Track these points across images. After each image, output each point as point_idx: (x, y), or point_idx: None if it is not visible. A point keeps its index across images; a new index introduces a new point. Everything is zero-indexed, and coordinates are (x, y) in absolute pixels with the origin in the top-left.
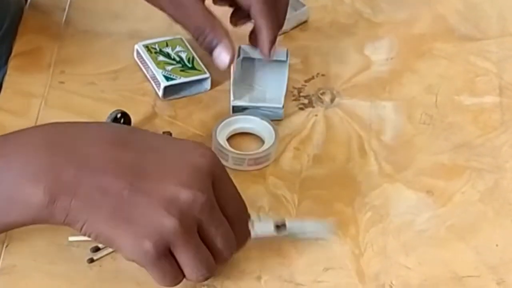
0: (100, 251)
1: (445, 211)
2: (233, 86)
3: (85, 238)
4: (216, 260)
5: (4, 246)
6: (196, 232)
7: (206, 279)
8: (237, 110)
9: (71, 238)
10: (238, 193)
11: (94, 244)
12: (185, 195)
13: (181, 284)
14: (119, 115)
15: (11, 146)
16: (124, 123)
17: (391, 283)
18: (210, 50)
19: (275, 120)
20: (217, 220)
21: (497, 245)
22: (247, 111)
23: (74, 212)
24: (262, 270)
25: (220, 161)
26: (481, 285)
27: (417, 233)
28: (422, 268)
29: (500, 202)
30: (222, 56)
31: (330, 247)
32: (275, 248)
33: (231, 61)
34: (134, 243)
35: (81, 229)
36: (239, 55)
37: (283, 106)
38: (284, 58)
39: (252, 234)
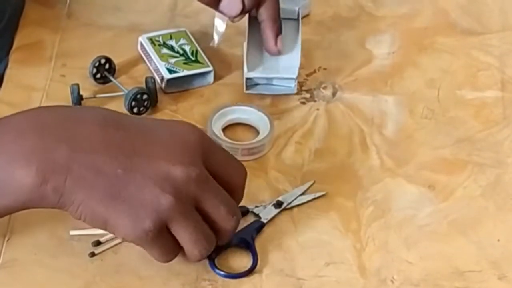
0: (102, 245)
1: (447, 206)
2: (247, 56)
3: (86, 231)
4: (223, 231)
5: (5, 240)
6: (194, 208)
7: (206, 255)
8: (250, 85)
9: (72, 232)
10: (233, 158)
11: (95, 238)
12: (178, 171)
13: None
14: (103, 61)
15: (1, 130)
16: (108, 68)
17: (393, 277)
18: (216, 2)
19: (288, 94)
20: (214, 191)
21: (498, 240)
22: (257, 87)
23: (68, 193)
24: (263, 265)
25: (208, 136)
26: (482, 279)
27: (419, 228)
28: (424, 263)
29: (502, 196)
30: (230, 5)
31: (331, 241)
32: (277, 242)
33: (240, 11)
34: (133, 223)
35: (76, 210)
36: (249, 16)
37: (296, 78)
38: (295, 17)
39: None
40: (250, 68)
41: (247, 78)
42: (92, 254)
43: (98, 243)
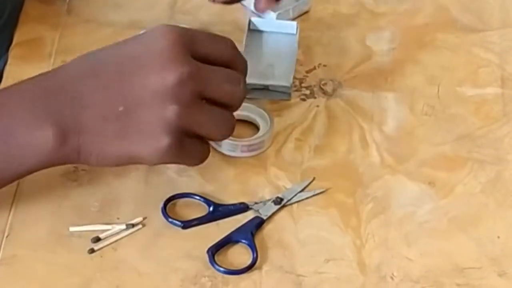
0: (101, 241)
1: (447, 203)
2: None
3: (86, 228)
4: (235, 103)
5: (5, 236)
6: (200, 100)
7: (231, 131)
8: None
9: (71, 229)
10: (216, 36)
11: (95, 235)
12: (170, 80)
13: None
14: None
15: (15, 99)
16: None
17: (393, 274)
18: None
19: (283, 100)
20: (210, 75)
21: (498, 237)
22: (254, 92)
23: (85, 147)
24: (263, 261)
25: (184, 28)
26: (482, 276)
27: (419, 225)
28: (424, 260)
29: (502, 193)
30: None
31: (331, 238)
32: (276, 238)
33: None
34: (153, 147)
35: (97, 159)
36: (248, 28)
37: (291, 86)
38: (293, 32)
39: None
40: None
41: None
42: (92, 251)
43: (97, 240)
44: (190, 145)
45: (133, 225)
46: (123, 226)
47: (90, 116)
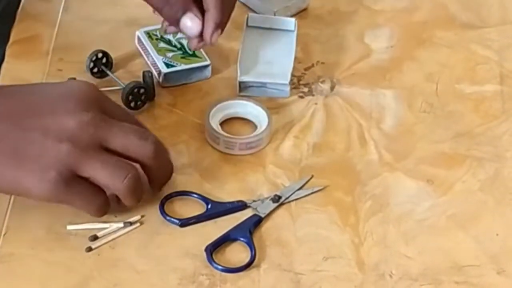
0: (99, 239)
1: (445, 200)
2: (240, 61)
3: (84, 226)
4: (146, 157)
5: (2, 234)
6: (99, 148)
7: (133, 186)
8: (243, 87)
9: (69, 227)
10: (126, 111)
11: (92, 233)
12: (71, 120)
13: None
14: (100, 55)
15: None
16: (106, 62)
17: (391, 272)
18: (176, 20)
19: (281, 97)
20: (115, 127)
21: (497, 235)
22: (251, 90)
23: None
24: (261, 259)
25: (99, 91)
26: (481, 274)
27: (417, 222)
28: (422, 257)
29: (500, 191)
30: (189, 24)
31: (329, 236)
32: (274, 236)
33: (200, 30)
34: (39, 178)
35: None
36: (247, 24)
37: (289, 83)
38: (292, 28)
39: None
40: (244, 72)
41: (240, 82)
42: (89, 249)
43: (95, 238)
44: (82, 188)
45: (130, 223)
46: (121, 224)
47: None
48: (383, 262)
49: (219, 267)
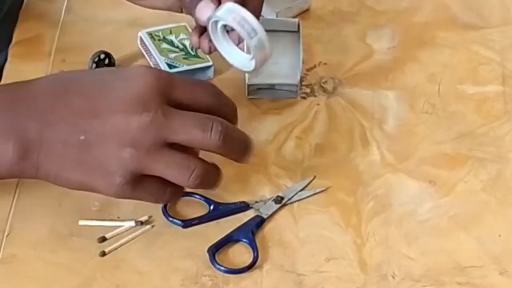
0: (108, 240)
1: (448, 201)
2: None
3: (95, 222)
4: (212, 149)
5: (5, 235)
6: (163, 147)
7: (201, 177)
8: (251, 90)
9: (81, 222)
10: (198, 82)
11: (100, 234)
12: (133, 122)
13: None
14: (102, 56)
15: None
16: (108, 63)
17: (393, 273)
18: (192, 9)
19: (290, 98)
20: (178, 122)
21: (499, 235)
22: (260, 92)
23: (43, 167)
24: (263, 260)
25: (164, 72)
26: (483, 275)
27: (420, 223)
28: (425, 258)
29: (502, 191)
30: (204, 10)
31: (332, 237)
32: (277, 237)
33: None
34: (107, 182)
35: (54, 180)
36: None
37: (300, 82)
38: (295, 29)
39: None
40: (252, 75)
41: (249, 84)
42: (103, 253)
43: (103, 239)
44: (150, 184)
45: (142, 223)
46: (132, 223)
47: (52, 137)
48: (385, 263)
49: (222, 268)
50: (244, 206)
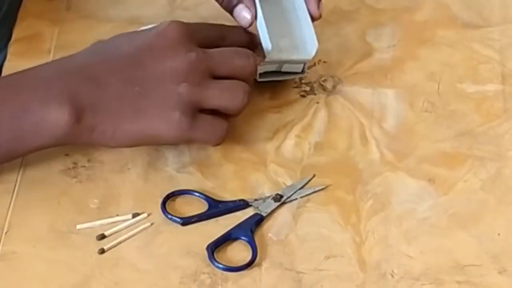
0: (107, 238)
1: (447, 200)
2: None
3: (91, 224)
4: (249, 75)
5: (4, 232)
6: (210, 79)
7: (247, 99)
8: (261, 72)
9: (78, 227)
10: (221, 25)
11: (99, 232)
12: (181, 62)
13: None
14: None
15: (32, 78)
16: None
17: (393, 271)
18: (231, 9)
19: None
20: (218, 55)
21: (499, 234)
22: (267, 75)
23: (99, 126)
24: (262, 258)
25: (189, 24)
26: (482, 274)
27: (419, 222)
28: (424, 257)
29: (502, 190)
30: (243, 14)
31: (331, 235)
32: (276, 235)
33: (252, 18)
34: (166, 122)
35: (111, 138)
36: None
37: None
38: None
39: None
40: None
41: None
42: (102, 251)
43: (102, 237)
44: (204, 121)
45: (138, 214)
46: (129, 217)
47: (106, 96)
48: (384, 262)
49: (221, 266)
50: (243, 204)
